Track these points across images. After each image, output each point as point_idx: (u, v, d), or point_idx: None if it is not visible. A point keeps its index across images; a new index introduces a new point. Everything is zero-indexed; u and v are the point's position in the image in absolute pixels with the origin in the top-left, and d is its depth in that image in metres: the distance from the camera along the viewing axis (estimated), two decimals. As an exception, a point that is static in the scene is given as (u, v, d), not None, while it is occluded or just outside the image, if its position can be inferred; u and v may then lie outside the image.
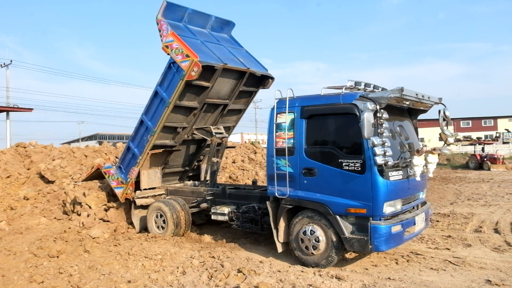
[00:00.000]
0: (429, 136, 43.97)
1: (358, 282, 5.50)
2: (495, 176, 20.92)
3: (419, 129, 7.36)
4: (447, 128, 6.64)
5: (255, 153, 19.59)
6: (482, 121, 62.10)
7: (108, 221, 8.94)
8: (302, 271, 5.95)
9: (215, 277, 5.79)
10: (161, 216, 8.38)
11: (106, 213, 9.16)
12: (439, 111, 6.57)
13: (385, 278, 5.68)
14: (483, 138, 45.23)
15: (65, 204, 10.06)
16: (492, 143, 38.31)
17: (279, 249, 6.63)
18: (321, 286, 5.32)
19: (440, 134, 6.64)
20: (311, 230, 6.18)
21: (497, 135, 46.22)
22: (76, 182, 10.79)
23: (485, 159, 26.23)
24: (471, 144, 35.58)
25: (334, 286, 5.34)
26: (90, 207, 9.46)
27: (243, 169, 16.52)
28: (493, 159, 26.01)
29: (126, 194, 8.95)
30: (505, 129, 46.52)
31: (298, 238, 6.33)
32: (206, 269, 6.17)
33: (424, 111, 7.09)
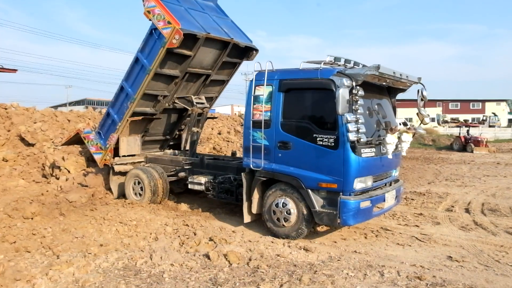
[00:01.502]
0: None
1: (325, 254, 5.64)
2: (476, 159, 21.24)
3: (407, 110, 7.41)
4: (424, 108, 6.69)
5: (242, 125, 19.56)
6: (471, 103, 62.57)
7: (87, 186, 8.97)
8: (272, 242, 6.07)
9: (186, 244, 5.89)
10: (138, 183, 8.41)
11: (85, 178, 9.17)
12: (418, 91, 6.60)
13: (351, 251, 5.84)
14: (470, 121, 45.80)
15: (44, 167, 10.03)
16: (478, 126, 38.77)
17: (246, 219, 6.74)
18: (288, 257, 5.46)
19: (416, 113, 6.71)
20: (283, 203, 6.28)
21: (484, 118, 46.81)
22: (56, 146, 10.72)
23: (469, 141, 26.54)
24: (457, 126, 35.99)
25: (301, 257, 5.48)
26: (69, 171, 9.47)
27: (228, 141, 16.54)
28: (477, 142, 26.32)
29: (105, 160, 8.92)
30: (492, 113, 47.04)
31: (271, 210, 6.43)
32: (179, 236, 6.28)
33: (403, 90, 7.10)
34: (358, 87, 5.55)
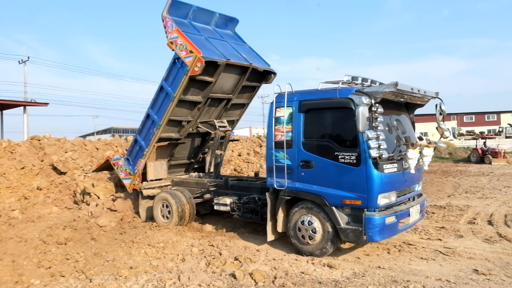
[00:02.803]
0: (433, 130, 43.55)
1: (349, 270, 5.52)
2: (495, 170, 20.66)
3: (423, 124, 7.28)
4: (443, 122, 6.55)
5: (261, 146, 19.59)
6: (486, 116, 61.25)
7: (115, 210, 9.07)
8: (296, 260, 5.99)
9: (212, 264, 5.86)
10: (166, 206, 8.43)
11: (114, 203, 9.28)
12: (436, 106, 6.47)
13: (375, 266, 5.70)
14: (486, 133, 44.76)
15: (75, 194, 10.22)
16: (494, 138, 37.84)
17: (270, 238, 6.67)
18: (313, 274, 5.37)
19: (436, 128, 6.56)
20: (308, 221, 6.20)
21: (500, 129, 45.69)
22: (86, 173, 10.95)
23: (486, 153, 25.88)
24: (473, 139, 35.18)
25: (326, 274, 5.38)
26: (98, 197, 9.62)
27: (248, 162, 16.56)
28: (495, 153, 25.65)
29: (134, 184, 9.03)
30: (508, 124, 45.82)
31: (296, 228, 6.34)
32: (205, 257, 6.24)
33: (421, 106, 7.01)
34: (377, 105, 5.50)
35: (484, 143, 28.38)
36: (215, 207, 7.96)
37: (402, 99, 6.26)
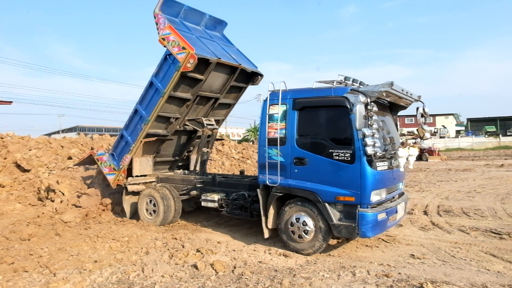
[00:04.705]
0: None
1: (302, 258, 5.64)
2: (431, 166, 21.83)
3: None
4: (425, 123, 6.44)
5: (223, 145, 19.51)
6: (423, 118, 64.22)
7: (80, 206, 8.70)
8: (254, 250, 6.03)
9: (175, 256, 5.78)
10: (154, 204, 8.03)
11: (79, 199, 8.91)
12: (417, 108, 6.38)
13: (326, 254, 5.86)
14: (424, 133, 46.97)
15: (39, 191, 9.71)
16: (430, 138, 39.91)
17: (266, 234, 6.34)
18: (269, 263, 5.43)
19: (417, 129, 6.46)
20: (300, 218, 5.93)
21: (435, 130, 48.28)
22: (51, 171, 10.43)
23: (423, 151, 27.24)
24: (413, 139, 36.84)
25: (281, 262, 5.46)
26: (63, 194, 9.19)
27: (210, 159, 16.43)
28: (431, 152, 27.16)
29: (118, 180, 8.54)
30: (442, 125, 48.52)
31: (288, 225, 6.04)
32: (168, 249, 6.15)
33: (404, 108, 6.90)
34: (372, 103, 5.36)
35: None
36: (203, 204, 7.55)
37: (387, 100, 6.14)
